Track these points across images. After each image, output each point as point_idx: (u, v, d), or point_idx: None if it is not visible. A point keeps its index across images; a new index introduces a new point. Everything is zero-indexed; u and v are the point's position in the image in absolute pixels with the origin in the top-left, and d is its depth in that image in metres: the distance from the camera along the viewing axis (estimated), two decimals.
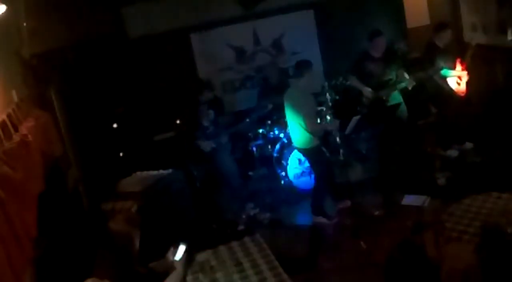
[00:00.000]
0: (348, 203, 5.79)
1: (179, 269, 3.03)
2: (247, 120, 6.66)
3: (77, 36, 6.41)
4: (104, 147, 6.55)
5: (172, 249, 3.22)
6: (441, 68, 6.23)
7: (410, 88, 6.22)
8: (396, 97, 6.31)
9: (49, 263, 4.03)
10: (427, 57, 6.35)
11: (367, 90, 6.24)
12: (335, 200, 5.87)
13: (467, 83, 6.32)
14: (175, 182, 5.73)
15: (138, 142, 6.72)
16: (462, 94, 6.35)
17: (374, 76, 6.27)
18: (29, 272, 3.53)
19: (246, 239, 4.12)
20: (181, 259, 3.15)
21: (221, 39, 7.35)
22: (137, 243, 3.05)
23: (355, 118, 5.68)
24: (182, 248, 3.25)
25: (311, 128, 5.37)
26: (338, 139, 5.85)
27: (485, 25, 6.62)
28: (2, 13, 4.00)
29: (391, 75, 6.30)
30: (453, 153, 6.42)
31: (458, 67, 6.29)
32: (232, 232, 5.50)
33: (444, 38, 6.27)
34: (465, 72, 6.29)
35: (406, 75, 6.21)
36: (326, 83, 6.29)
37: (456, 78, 6.31)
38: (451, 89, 6.32)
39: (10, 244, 3.06)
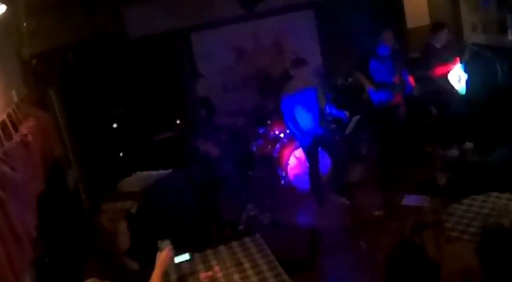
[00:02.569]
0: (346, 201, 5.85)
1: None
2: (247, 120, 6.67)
3: (77, 36, 6.41)
4: (104, 147, 6.55)
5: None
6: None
7: (416, 94, 6.24)
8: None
9: (49, 263, 4.03)
10: (425, 58, 6.35)
11: (370, 88, 6.26)
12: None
13: (466, 82, 6.31)
14: (175, 182, 5.72)
15: (138, 142, 6.71)
16: (462, 94, 6.35)
17: (378, 75, 6.27)
18: (29, 272, 3.53)
19: (246, 239, 4.10)
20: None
21: (221, 39, 7.36)
22: (120, 240, 3.06)
23: (355, 118, 5.69)
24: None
25: None
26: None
27: (485, 25, 6.62)
28: (2, 13, 4.00)
29: (394, 76, 6.28)
30: (453, 153, 6.42)
31: (457, 66, 6.29)
32: (232, 232, 5.49)
33: (441, 39, 6.26)
34: (463, 72, 6.29)
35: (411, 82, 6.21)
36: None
37: (455, 78, 6.31)
38: (450, 89, 6.32)
39: (10, 244, 3.06)
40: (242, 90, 7.57)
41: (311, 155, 5.87)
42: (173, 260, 3.35)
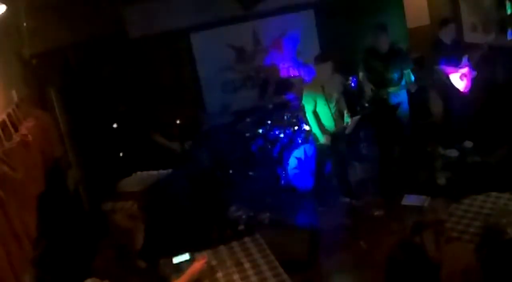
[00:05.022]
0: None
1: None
2: (247, 120, 6.66)
3: (77, 36, 6.41)
4: (104, 147, 6.55)
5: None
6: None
7: (413, 91, 6.22)
8: (400, 96, 6.29)
9: (49, 263, 4.03)
10: (434, 54, 6.34)
11: (368, 86, 6.27)
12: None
13: (472, 80, 6.28)
14: (175, 181, 5.73)
15: (138, 142, 6.71)
16: (465, 91, 6.33)
17: (377, 73, 6.27)
18: (29, 272, 3.53)
19: (246, 239, 4.10)
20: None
21: (221, 39, 7.35)
22: (138, 239, 3.07)
23: (355, 118, 5.69)
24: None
25: None
26: None
27: (485, 25, 6.62)
28: (2, 13, 4.00)
29: (393, 74, 6.27)
30: (453, 152, 6.42)
31: (464, 64, 6.26)
32: (232, 232, 5.50)
33: (449, 34, 6.27)
34: (467, 70, 6.27)
35: (412, 77, 6.19)
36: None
37: (461, 75, 6.29)
38: (456, 86, 6.30)
39: (10, 244, 3.06)
40: (242, 90, 7.56)
41: (333, 153, 5.82)
42: (201, 274, 3.38)
